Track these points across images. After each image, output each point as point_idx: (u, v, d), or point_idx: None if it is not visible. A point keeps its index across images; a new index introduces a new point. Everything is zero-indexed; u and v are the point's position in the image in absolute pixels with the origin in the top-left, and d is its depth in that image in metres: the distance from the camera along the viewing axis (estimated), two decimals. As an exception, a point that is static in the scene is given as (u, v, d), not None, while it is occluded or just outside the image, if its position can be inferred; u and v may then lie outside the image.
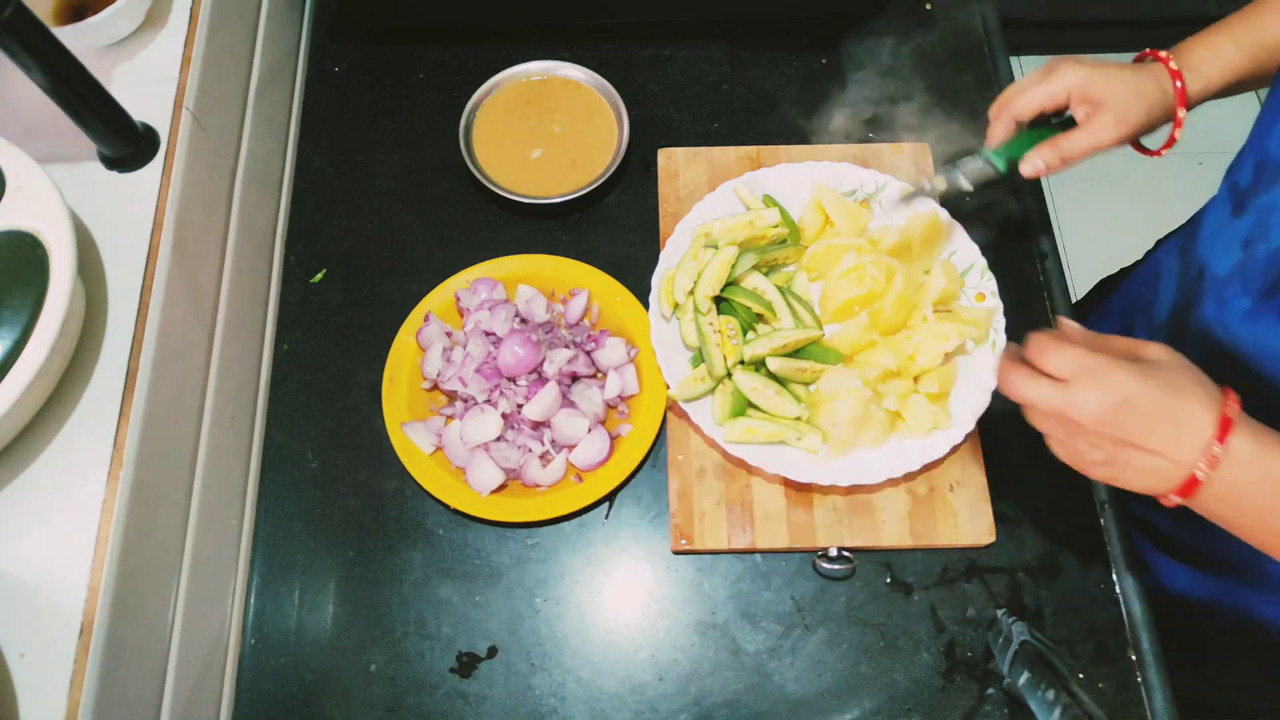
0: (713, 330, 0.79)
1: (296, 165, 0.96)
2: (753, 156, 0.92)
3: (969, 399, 0.78)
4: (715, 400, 0.79)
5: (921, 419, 0.77)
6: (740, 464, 0.79)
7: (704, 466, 0.79)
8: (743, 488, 0.78)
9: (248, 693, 0.75)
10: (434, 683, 0.75)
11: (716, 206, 0.86)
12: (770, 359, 0.78)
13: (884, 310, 0.79)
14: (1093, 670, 0.74)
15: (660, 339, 0.81)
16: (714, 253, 0.80)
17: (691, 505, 0.78)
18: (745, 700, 0.73)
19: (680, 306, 0.82)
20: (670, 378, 0.79)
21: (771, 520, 0.77)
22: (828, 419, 0.76)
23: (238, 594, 0.77)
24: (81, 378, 0.65)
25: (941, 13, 1.02)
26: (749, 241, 0.83)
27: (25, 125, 0.74)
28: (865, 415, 0.76)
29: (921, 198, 0.82)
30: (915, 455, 0.76)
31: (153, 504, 0.65)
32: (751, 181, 0.87)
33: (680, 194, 0.91)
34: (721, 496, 0.78)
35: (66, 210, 0.63)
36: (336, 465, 0.82)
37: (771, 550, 0.77)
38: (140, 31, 0.77)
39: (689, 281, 0.81)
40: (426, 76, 1.00)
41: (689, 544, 0.77)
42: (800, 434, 0.76)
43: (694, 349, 0.81)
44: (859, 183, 0.87)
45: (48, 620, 0.58)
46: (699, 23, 1.02)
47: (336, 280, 0.90)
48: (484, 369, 0.80)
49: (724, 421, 0.77)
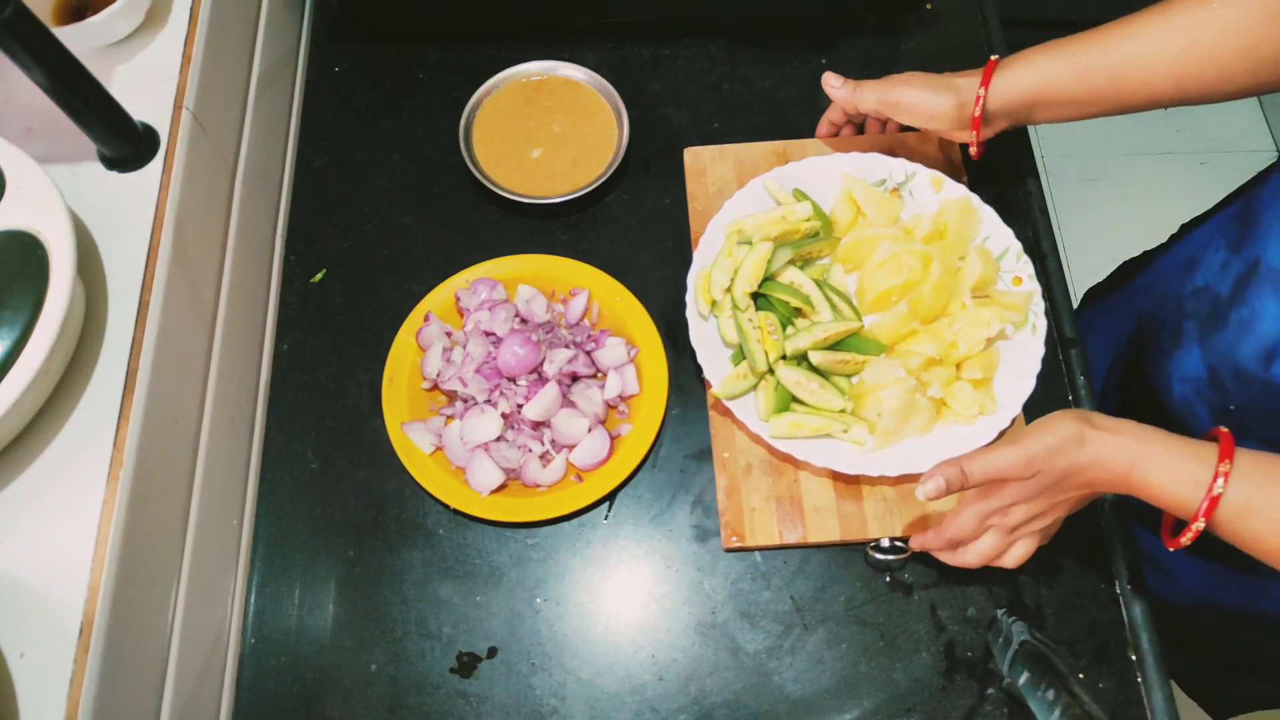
0: (752, 327, 0.79)
1: (296, 165, 0.96)
2: (780, 151, 0.92)
3: (1012, 383, 0.78)
4: (758, 396, 0.79)
5: (967, 405, 0.77)
6: (787, 459, 0.79)
7: (750, 463, 0.79)
8: (791, 482, 0.78)
9: (248, 693, 0.75)
10: (434, 683, 0.75)
11: (747, 203, 0.86)
12: (812, 352, 0.78)
13: (923, 298, 0.79)
14: (1093, 670, 0.74)
15: (699, 337, 0.80)
16: (749, 249, 0.80)
17: (740, 502, 0.78)
18: (745, 700, 0.73)
19: (718, 304, 0.82)
20: (711, 376, 0.79)
21: (822, 514, 0.77)
22: (873, 410, 0.76)
23: (238, 594, 0.77)
24: (81, 378, 0.65)
25: (941, 13, 1.02)
26: (783, 236, 0.83)
27: (25, 125, 0.74)
28: (911, 404, 0.76)
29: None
30: (963, 441, 0.76)
31: (153, 504, 0.65)
32: (780, 176, 0.87)
33: (709, 191, 0.90)
34: (770, 492, 0.78)
35: (66, 210, 0.63)
36: (336, 465, 0.82)
37: (824, 544, 0.77)
38: (140, 31, 0.77)
39: (725, 279, 0.81)
40: (426, 76, 1.00)
41: (740, 541, 0.77)
42: (846, 426, 0.76)
43: (734, 346, 0.81)
44: (889, 172, 0.87)
45: (48, 620, 0.58)
46: (699, 23, 1.02)
47: (336, 280, 0.90)
48: (484, 369, 0.80)
49: (769, 418, 0.77)
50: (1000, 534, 0.66)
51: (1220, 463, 0.55)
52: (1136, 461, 0.58)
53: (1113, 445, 0.59)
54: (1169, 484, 0.58)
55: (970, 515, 0.66)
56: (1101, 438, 0.60)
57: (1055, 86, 0.73)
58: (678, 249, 0.90)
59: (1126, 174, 2.03)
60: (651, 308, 0.85)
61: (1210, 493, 0.55)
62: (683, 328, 0.87)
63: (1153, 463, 0.58)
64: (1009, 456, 0.61)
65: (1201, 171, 2.04)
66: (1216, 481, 0.55)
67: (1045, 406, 0.80)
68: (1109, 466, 0.60)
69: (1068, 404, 0.83)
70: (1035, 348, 0.79)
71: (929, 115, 0.79)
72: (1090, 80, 0.72)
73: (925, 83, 0.78)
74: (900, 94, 0.79)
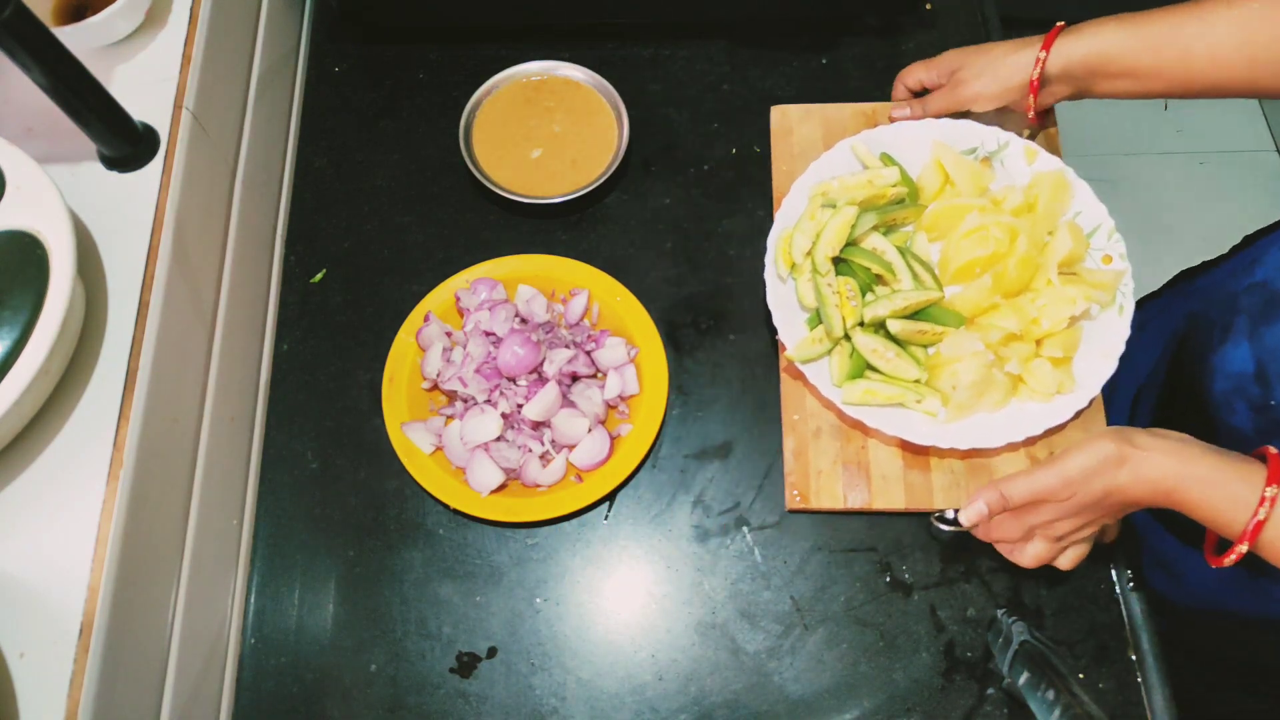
0: (831, 292, 0.78)
1: (296, 165, 0.96)
2: (868, 113, 0.91)
3: (1094, 363, 0.77)
4: (832, 362, 0.78)
5: (1045, 383, 0.75)
6: (857, 425, 0.78)
7: (820, 427, 0.79)
8: (859, 448, 0.78)
9: (248, 693, 0.75)
10: (434, 683, 0.75)
11: (834, 164, 0.85)
12: (890, 321, 0.77)
13: (1007, 272, 0.77)
14: (1093, 670, 0.74)
15: (776, 300, 0.80)
16: (832, 213, 0.79)
17: (808, 464, 0.78)
18: (745, 700, 0.73)
19: (797, 267, 0.81)
20: (787, 339, 0.78)
21: (888, 481, 0.77)
22: (948, 382, 0.75)
23: (238, 594, 0.77)
24: (81, 378, 0.65)
25: (941, 13, 1.02)
26: (868, 201, 0.81)
27: (25, 125, 0.74)
28: (987, 379, 0.75)
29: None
30: (1038, 419, 0.75)
31: (153, 504, 0.65)
32: (869, 139, 0.85)
33: (794, 152, 0.89)
34: (838, 456, 0.78)
35: (66, 210, 0.63)
36: (336, 465, 0.82)
37: (888, 511, 0.77)
38: (140, 31, 0.77)
39: (807, 242, 0.80)
40: (426, 76, 1.00)
41: (803, 501, 0.77)
42: (920, 396, 0.76)
43: (811, 310, 0.80)
44: (980, 140, 0.85)
45: (48, 620, 0.58)
46: (699, 23, 1.02)
47: (336, 280, 0.90)
48: (484, 369, 0.80)
49: (842, 383, 0.77)
50: (1048, 541, 0.67)
51: (1267, 486, 0.55)
52: (1180, 482, 0.58)
53: (1154, 465, 0.59)
54: (1214, 505, 0.57)
55: (1014, 524, 0.67)
56: (1143, 458, 0.59)
57: (1119, 56, 0.72)
58: (678, 249, 0.90)
59: (1126, 174, 2.03)
60: (651, 308, 0.85)
61: (1255, 517, 0.55)
62: (683, 328, 0.87)
63: (1197, 485, 0.58)
64: (1045, 480, 0.62)
65: (1201, 171, 2.04)
66: (1262, 506, 0.55)
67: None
68: (1151, 486, 0.59)
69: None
70: (1120, 328, 0.77)
71: (997, 98, 0.80)
72: (1157, 54, 0.70)
73: (987, 69, 0.79)
74: (968, 94, 0.81)
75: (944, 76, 0.84)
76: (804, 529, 0.79)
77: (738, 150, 0.95)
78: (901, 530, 0.79)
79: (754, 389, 0.84)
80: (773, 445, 0.82)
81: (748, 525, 0.79)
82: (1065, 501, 0.62)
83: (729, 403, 0.84)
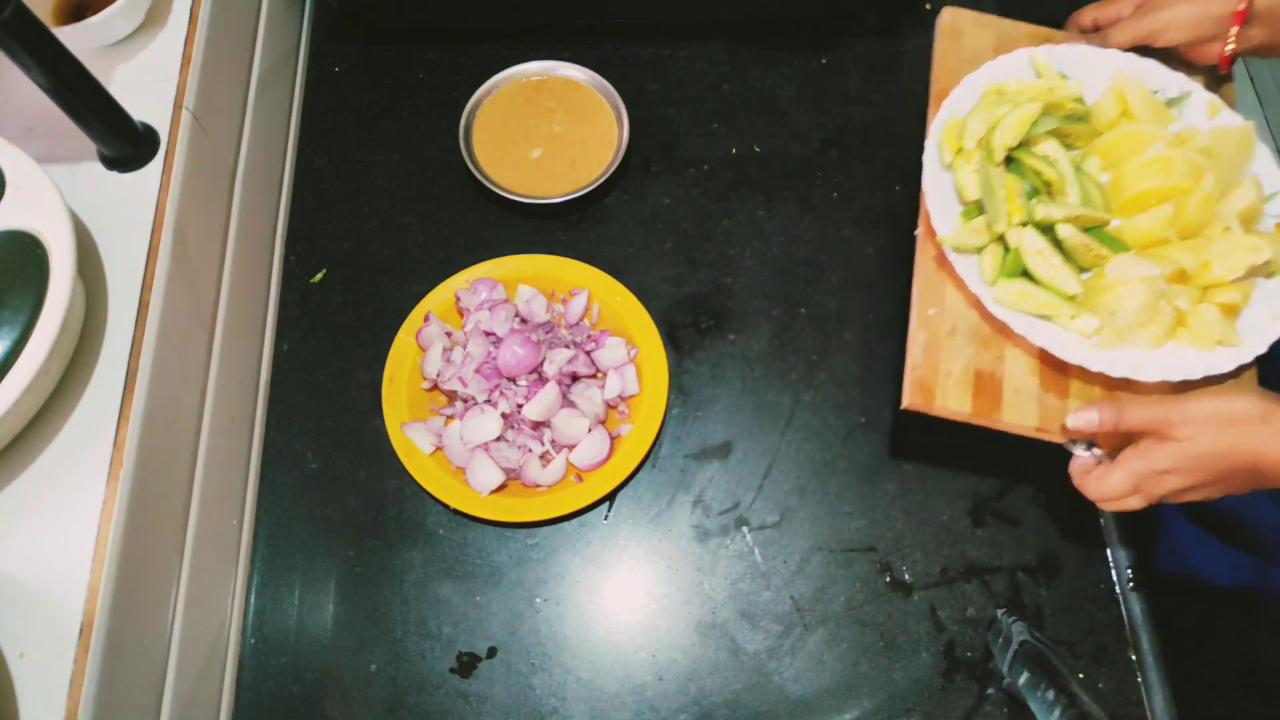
0: (1000, 184, 0.73)
1: (296, 165, 0.96)
2: (1045, 35, 0.87)
3: (1262, 322, 0.72)
4: (984, 259, 0.74)
5: (1209, 330, 0.70)
6: (1001, 330, 0.73)
7: (956, 326, 0.74)
8: (995, 357, 0.73)
9: (248, 693, 0.75)
10: (434, 683, 0.75)
11: (1010, 69, 0.81)
12: (1062, 225, 0.72)
13: (1187, 208, 0.72)
14: (1093, 670, 0.74)
15: (933, 185, 0.76)
16: (1011, 107, 0.76)
17: (937, 364, 0.72)
18: (745, 700, 0.73)
19: (962, 155, 0.77)
20: (940, 225, 0.74)
21: (1022, 396, 0.72)
22: (1109, 307, 0.71)
23: (238, 594, 0.77)
24: (81, 378, 0.65)
25: (941, 13, 1.02)
26: (1045, 109, 0.78)
27: (25, 125, 0.74)
28: (1153, 308, 0.70)
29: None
30: (1194, 366, 0.70)
31: (153, 504, 0.65)
32: (1050, 53, 0.82)
33: (963, 55, 0.85)
34: (971, 361, 0.73)
35: (66, 210, 0.63)
36: (336, 465, 0.82)
37: (1014, 430, 0.71)
38: (140, 31, 0.77)
39: (981, 129, 0.76)
40: (426, 76, 1.00)
41: (924, 401, 0.71)
42: (1075, 313, 0.71)
43: (969, 203, 0.76)
44: (1163, 84, 0.81)
45: (48, 620, 0.58)
46: (699, 23, 1.02)
47: (336, 280, 0.90)
48: (484, 369, 0.80)
49: (995, 282, 0.72)
50: (1145, 500, 0.62)
51: None
52: None
53: None
54: None
55: (1124, 474, 0.61)
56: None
57: None
58: (678, 249, 0.90)
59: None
60: (651, 308, 0.85)
61: None
62: (683, 328, 0.87)
63: None
64: (1168, 411, 0.57)
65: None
66: None
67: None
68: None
69: (1068, 404, 0.83)
70: None
71: (1192, 27, 0.74)
72: None
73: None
74: (1159, 21, 0.76)
75: (1128, 6, 0.79)
76: (804, 529, 0.79)
77: (738, 150, 0.95)
78: (901, 530, 0.79)
79: (754, 389, 0.84)
80: (772, 445, 0.82)
81: (748, 525, 0.79)
82: (1184, 446, 0.57)
83: (729, 403, 0.84)
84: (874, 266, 0.89)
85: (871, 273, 0.89)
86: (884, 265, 0.89)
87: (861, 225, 0.91)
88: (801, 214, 0.92)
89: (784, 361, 0.85)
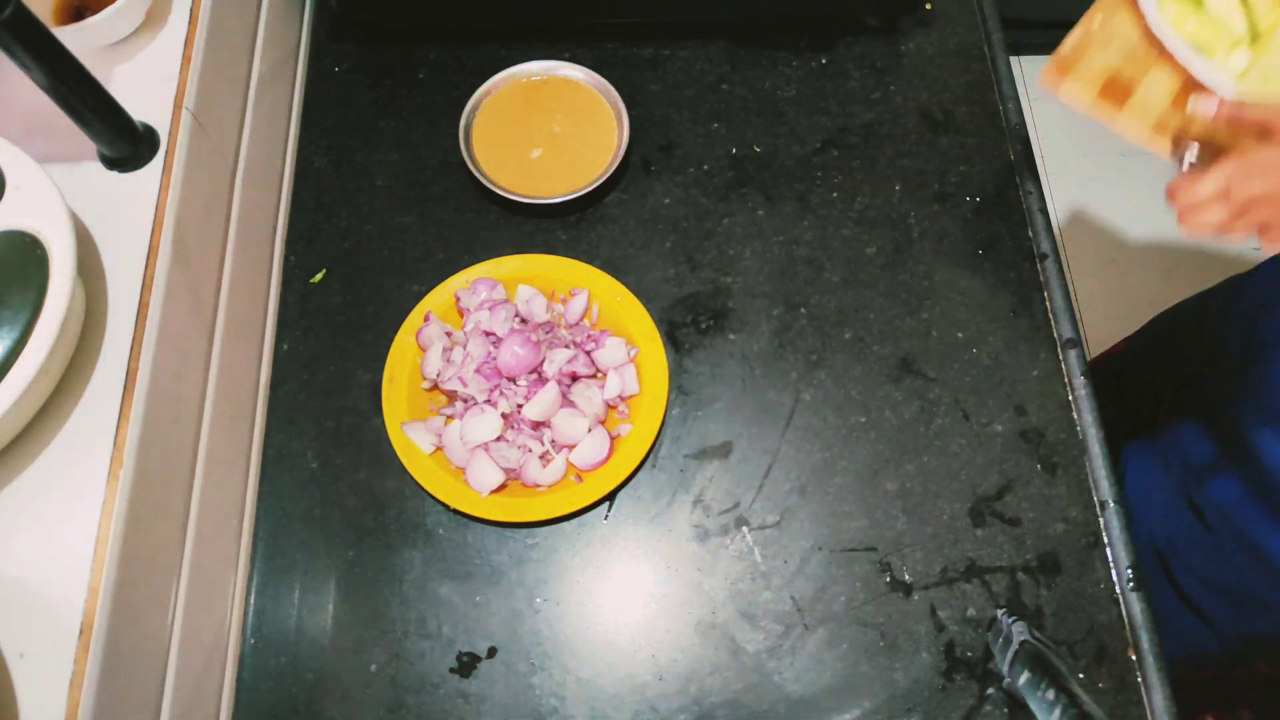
0: None
1: (296, 165, 0.96)
2: None
3: None
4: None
5: None
6: (1155, 47, 0.76)
7: (1114, 36, 0.78)
8: (1138, 73, 0.77)
9: (248, 693, 0.75)
10: (434, 683, 0.75)
11: None
12: None
13: None
14: (1093, 670, 0.74)
15: None
16: None
17: (1083, 57, 0.77)
18: (745, 700, 0.73)
19: None
20: None
21: (1144, 109, 0.76)
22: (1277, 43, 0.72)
23: (238, 594, 0.77)
24: (81, 378, 0.65)
25: (941, 13, 1.02)
26: None
27: (25, 125, 0.74)
28: None
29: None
30: None
31: (153, 504, 0.65)
32: None
33: None
34: (1114, 66, 0.77)
35: (66, 210, 0.63)
36: (336, 465, 0.82)
37: (1127, 131, 0.76)
38: (140, 31, 0.77)
39: None
40: (426, 76, 1.00)
41: (1058, 78, 0.77)
42: (1230, 49, 0.73)
43: None
44: None
45: (48, 620, 0.58)
46: (699, 23, 1.02)
47: (336, 280, 0.90)
48: (484, 369, 0.80)
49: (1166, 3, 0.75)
50: (1229, 209, 0.61)
51: None
52: None
53: None
54: None
55: (1219, 173, 0.61)
56: None
57: None
58: (677, 249, 0.90)
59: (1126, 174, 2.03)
60: (651, 307, 0.85)
61: None
62: (683, 327, 0.87)
63: None
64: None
65: (1202, 171, 2.03)
66: None
67: (1043, 403, 0.81)
68: None
69: (1067, 405, 0.83)
70: None
71: None
72: None
73: None
74: None
75: None
76: (804, 529, 0.79)
77: (737, 150, 0.95)
78: (901, 530, 0.79)
79: (754, 388, 0.84)
80: (772, 445, 0.82)
81: (748, 525, 0.79)
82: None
83: (729, 403, 0.84)
84: (874, 266, 0.90)
85: (871, 273, 0.89)
86: (884, 265, 0.89)
87: (861, 225, 0.91)
88: (801, 214, 0.92)
89: (784, 361, 0.85)
